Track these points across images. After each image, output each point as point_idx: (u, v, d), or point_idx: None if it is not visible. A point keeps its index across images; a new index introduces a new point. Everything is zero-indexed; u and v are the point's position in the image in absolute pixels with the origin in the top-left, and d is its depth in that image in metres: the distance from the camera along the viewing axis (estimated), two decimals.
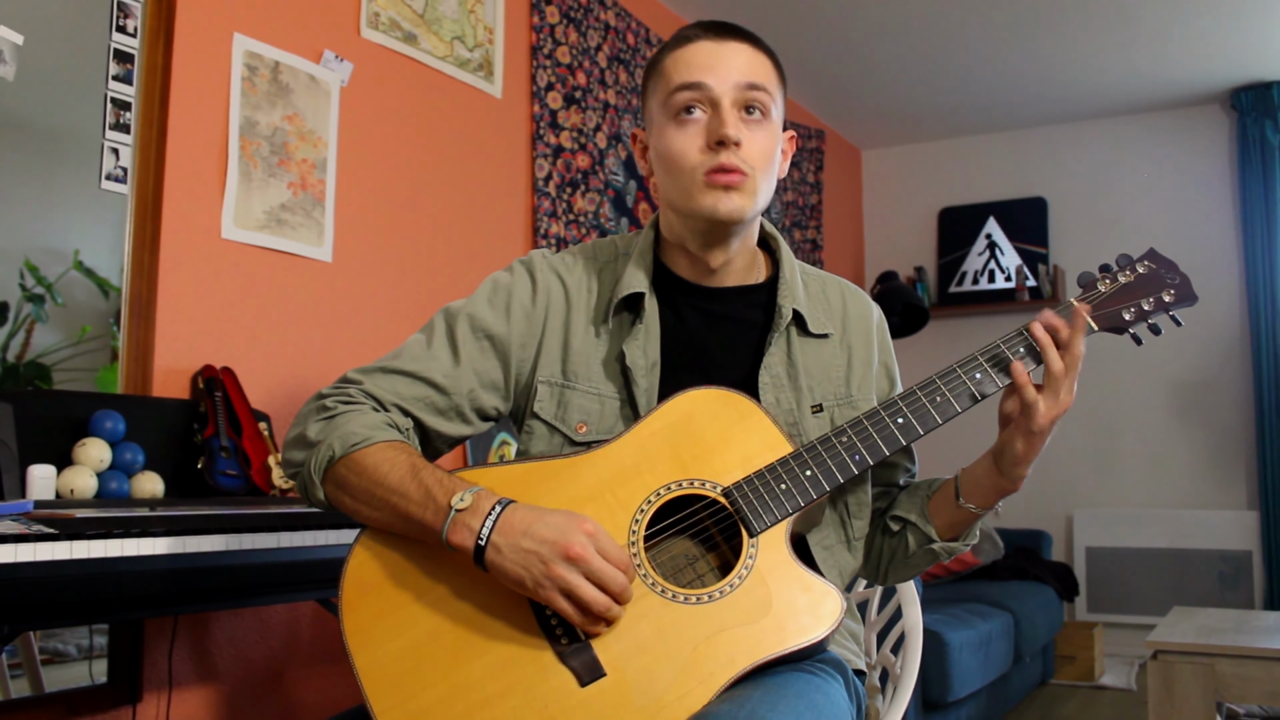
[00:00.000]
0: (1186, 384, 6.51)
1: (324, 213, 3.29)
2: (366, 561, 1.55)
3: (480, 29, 3.99)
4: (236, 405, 2.79)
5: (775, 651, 1.46)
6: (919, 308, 6.32)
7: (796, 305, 1.74)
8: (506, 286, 1.76)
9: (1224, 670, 3.32)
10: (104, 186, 2.74)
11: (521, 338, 1.73)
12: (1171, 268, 1.73)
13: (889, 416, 1.61)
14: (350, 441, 1.57)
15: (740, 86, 1.64)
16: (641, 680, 1.44)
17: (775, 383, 1.72)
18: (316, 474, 1.58)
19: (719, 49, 1.66)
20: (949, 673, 4.03)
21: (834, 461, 1.58)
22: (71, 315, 2.72)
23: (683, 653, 1.46)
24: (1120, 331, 1.70)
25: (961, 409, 1.62)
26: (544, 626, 1.48)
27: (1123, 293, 1.70)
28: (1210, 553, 6.28)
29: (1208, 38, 5.63)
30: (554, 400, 1.71)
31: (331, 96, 3.34)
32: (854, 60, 5.96)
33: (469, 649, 1.48)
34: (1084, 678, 5.78)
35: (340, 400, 1.64)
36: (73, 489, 2.32)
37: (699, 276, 1.76)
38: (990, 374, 1.62)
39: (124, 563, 1.89)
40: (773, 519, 1.54)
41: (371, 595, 1.53)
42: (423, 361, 1.69)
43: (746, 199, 1.65)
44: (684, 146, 1.65)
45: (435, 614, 1.50)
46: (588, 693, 1.44)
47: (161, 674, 2.75)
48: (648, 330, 1.72)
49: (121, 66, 2.78)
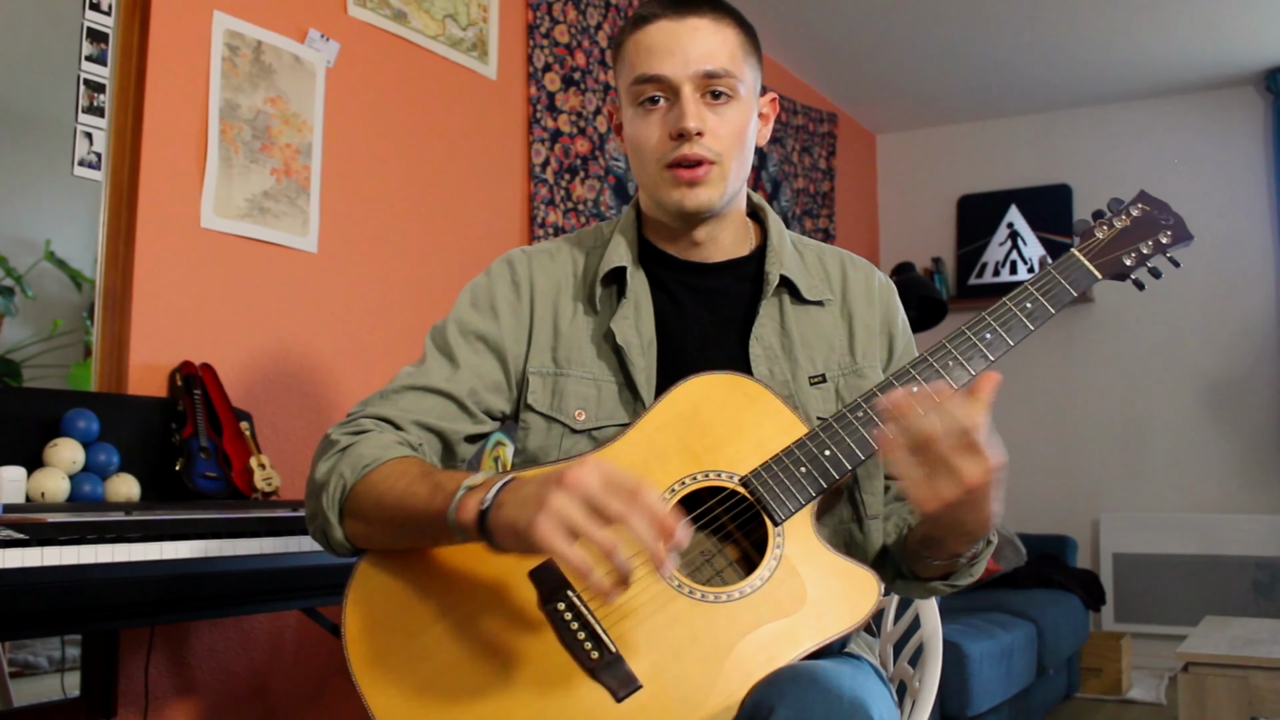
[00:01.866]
0: (1219, 381, 6.50)
1: (309, 201, 3.29)
2: (368, 595, 1.53)
3: (474, 7, 3.98)
4: (216, 404, 2.79)
5: (817, 642, 1.47)
6: (937, 300, 6.31)
7: (785, 271, 1.77)
8: (486, 288, 1.79)
9: (1259, 683, 3.32)
10: (77, 173, 2.74)
11: (513, 332, 1.75)
12: (1164, 208, 1.76)
13: (902, 385, 1.59)
14: (361, 465, 1.55)
15: (699, 75, 1.66)
16: (680, 688, 1.43)
17: (768, 354, 1.73)
18: (332, 511, 1.55)
19: (678, 29, 1.67)
20: (969, 686, 4.03)
21: (853, 439, 1.57)
22: (42, 309, 2.72)
23: (719, 655, 1.45)
24: (1123, 278, 1.73)
25: (975, 372, 1.62)
26: (568, 643, 1.45)
27: (1121, 238, 1.72)
28: (1244, 559, 6.27)
29: (1240, 17, 5.61)
30: (547, 390, 1.72)
31: (317, 78, 3.34)
32: (868, 40, 5.95)
33: (492, 677, 1.45)
34: (1111, 691, 5.78)
35: (347, 433, 1.64)
36: (44, 492, 2.31)
37: (685, 252, 1.80)
38: (1001, 335, 1.63)
39: (98, 570, 1.88)
40: (796, 505, 1.54)
41: (378, 630, 1.49)
42: (420, 377, 1.71)
43: (714, 189, 1.69)
44: (646, 135, 1.69)
45: (450, 644, 1.47)
46: (625, 707, 1.42)
47: (138, 687, 2.75)
48: (637, 308, 1.75)
49: (95, 46, 2.78)
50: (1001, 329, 1.63)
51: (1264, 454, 6.39)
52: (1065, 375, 6.72)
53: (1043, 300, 1.64)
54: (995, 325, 1.63)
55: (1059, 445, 6.82)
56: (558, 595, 1.48)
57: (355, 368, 3.39)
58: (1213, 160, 6.61)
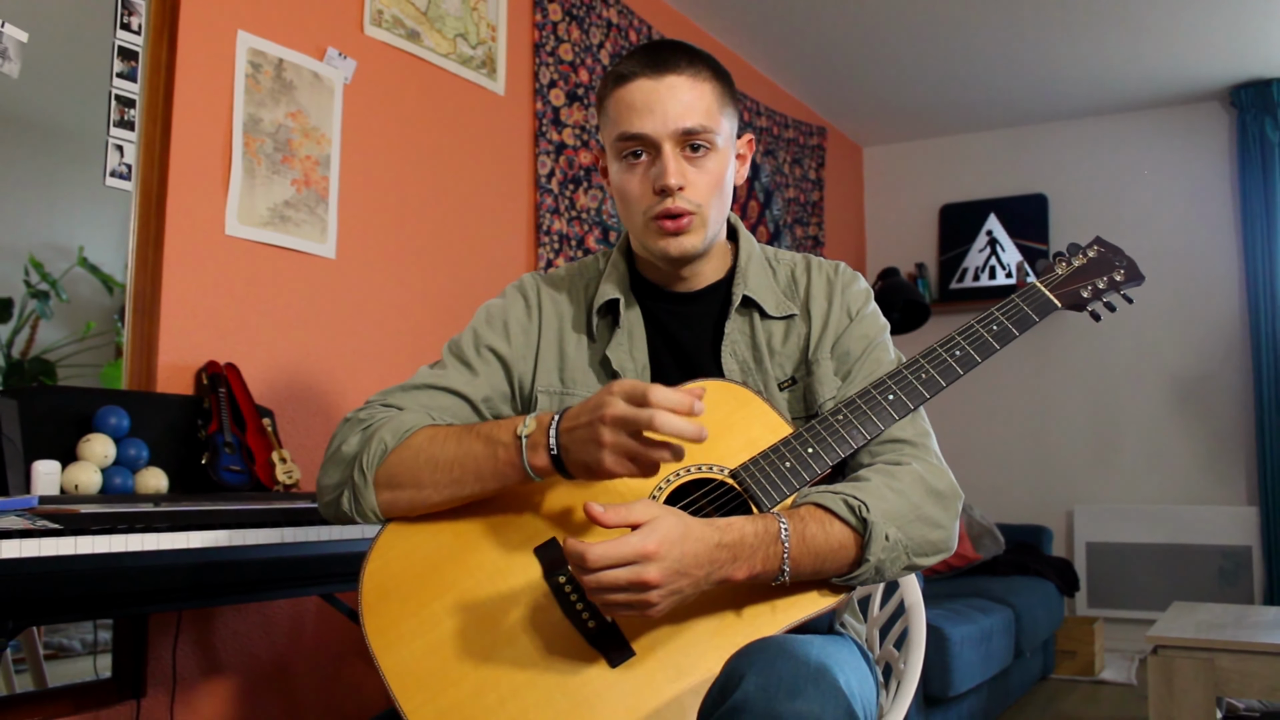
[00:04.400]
0: (1186, 379, 6.50)
1: (327, 209, 3.28)
2: (383, 566, 1.56)
3: (483, 26, 3.98)
4: (240, 401, 2.79)
5: (803, 615, 1.51)
6: (920, 304, 6.32)
7: (749, 292, 1.81)
8: (501, 309, 1.85)
9: (1224, 665, 3.31)
10: (108, 183, 2.74)
11: (520, 350, 1.81)
12: (1117, 251, 1.88)
13: (879, 394, 1.66)
14: (401, 430, 1.61)
15: (678, 133, 1.68)
16: (670, 657, 1.47)
17: (742, 368, 1.78)
18: (369, 471, 1.59)
19: (656, 88, 1.69)
20: (950, 668, 4.02)
21: (833, 438, 1.62)
22: (76, 311, 2.72)
23: (709, 627, 1.49)
24: (1080, 308, 1.82)
25: (947, 383, 1.68)
26: (568, 612, 1.49)
27: (1078, 274, 1.83)
28: (1210, 548, 6.28)
29: (1208, 35, 5.62)
30: (554, 406, 1.76)
31: (335, 93, 3.34)
32: (855, 57, 5.95)
33: (495, 642, 1.49)
34: (1084, 672, 5.77)
35: (372, 413, 1.68)
36: (77, 484, 2.31)
37: (671, 283, 1.85)
38: (970, 352, 1.70)
39: (128, 558, 1.88)
40: (781, 495, 1.57)
41: (392, 598, 1.53)
42: (439, 378, 1.76)
43: (695, 237, 1.73)
44: (631, 188, 1.73)
45: (458, 612, 1.51)
46: (618, 673, 1.46)
47: (165, 669, 2.75)
48: (630, 334, 1.81)
49: (126, 64, 2.78)
50: (971, 347, 1.70)
51: (1229, 449, 6.40)
52: (1041, 375, 6.72)
53: (1008, 324, 1.72)
54: (965, 344, 1.70)
55: (1035, 441, 6.82)
56: (560, 569, 1.52)
57: (371, 367, 3.39)
58: (1181, 171, 6.61)
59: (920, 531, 1.58)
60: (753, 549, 1.46)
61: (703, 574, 1.42)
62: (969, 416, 6.76)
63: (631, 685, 1.44)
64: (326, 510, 1.67)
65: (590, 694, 1.44)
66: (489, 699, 1.44)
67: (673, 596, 1.40)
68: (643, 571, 1.35)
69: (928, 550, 1.59)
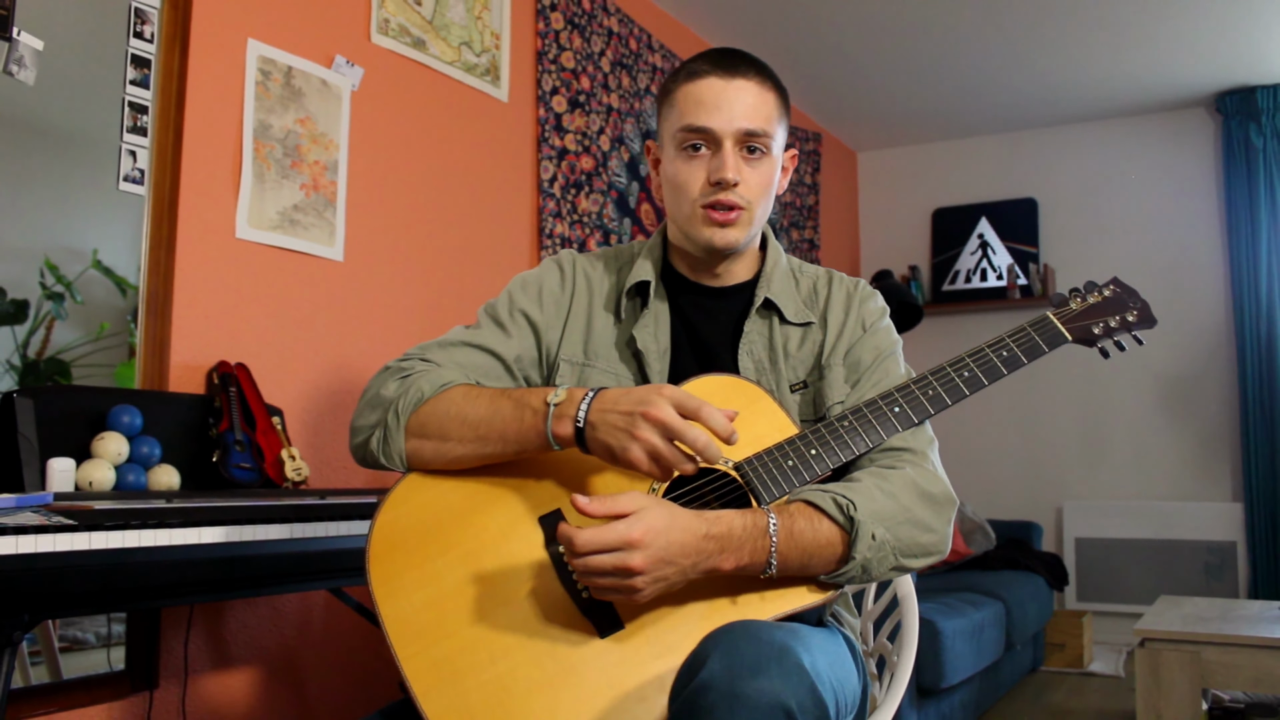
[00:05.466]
0: (1173, 379, 6.51)
1: (335, 213, 3.29)
2: (393, 520, 1.59)
3: (487, 35, 3.98)
4: (250, 400, 2.79)
5: (790, 608, 1.53)
6: (913, 305, 6.31)
7: (770, 295, 1.84)
8: (537, 278, 1.89)
9: (1209, 657, 3.32)
10: (122, 188, 2.74)
11: (550, 319, 1.84)
12: (1133, 294, 1.89)
13: (886, 405, 1.68)
14: (439, 382, 1.65)
15: (741, 133, 1.73)
16: (659, 631, 1.49)
17: (758, 367, 1.81)
18: (404, 415, 1.63)
19: (726, 88, 1.74)
20: (943, 660, 4.02)
21: (836, 443, 1.64)
22: (90, 313, 2.72)
23: (699, 607, 1.51)
24: (1090, 344, 1.84)
25: (952, 402, 1.70)
26: (565, 580, 1.52)
27: (1092, 310, 1.84)
28: (1196, 543, 6.28)
29: (1193, 43, 5.62)
30: (574, 376, 1.81)
31: (343, 100, 3.34)
32: (850, 65, 5.95)
33: (492, 601, 1.52)
34: (1073, 665, 5.78)
35: (412, 364, 1.72)
36: (91, 481, 2.31)
37: (701, 278, 1.88)
38: (978, 374, 1.71)
39: (141, 553, 1.88)
40: (780, 491, 1.59)
41: (399, 550, 1.56)
42: (474, 336, 1.80)
43: (741, 231, 1.78)
44: (688, 179, 1.77)
45: (460, 569, 1.54)
46: (606, 643, 1.49)
47: (177, 661, 2.75)
48: (656, 319, 1.84)
49: (139, 71, 2.78)
50: (979, 370, 1.71)
51: (1215, 447, 6.40)
52: (1032, 375, 6.71)
53: (1018, 351, 1.74)
54: (974, 366, 1.72)
55: (1026, 438, 6.83)
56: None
57: (378, 366, 3.37)
58: (1168, 176, 6.62)
59: (909, 533, 1.58)
60: (740, 541, 1.48)
61: (689, 563, 1.45)
62: (960, 415, 6.74)
63: (617, 657, 1.47)
64: (356, 450, 1.70)
65: (577, 661, 1.47)
66: (480, 655, 1.47)
67: (658, 584, 1.43)
68: (627, 558, 1.39)
69: (917, 552, 1.60)
